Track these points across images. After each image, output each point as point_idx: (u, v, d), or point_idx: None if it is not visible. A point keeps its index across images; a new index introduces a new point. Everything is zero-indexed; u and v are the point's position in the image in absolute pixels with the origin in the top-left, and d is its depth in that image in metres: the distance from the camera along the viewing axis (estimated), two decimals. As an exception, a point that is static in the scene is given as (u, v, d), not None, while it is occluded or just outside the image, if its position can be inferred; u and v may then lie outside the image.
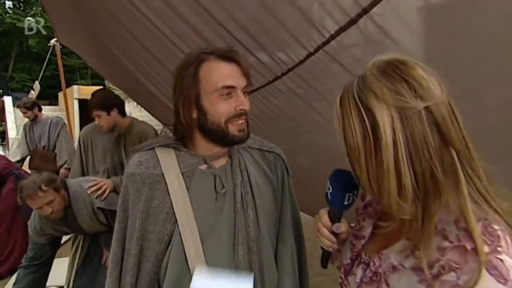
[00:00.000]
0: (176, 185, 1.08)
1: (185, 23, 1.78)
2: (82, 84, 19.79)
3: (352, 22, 1.18)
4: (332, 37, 1.28)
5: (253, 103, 2.12)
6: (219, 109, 1.06)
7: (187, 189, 1.09)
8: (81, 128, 6.28)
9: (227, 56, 1.07)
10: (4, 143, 13.92)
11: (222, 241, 1.08)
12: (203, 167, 1.13)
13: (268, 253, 1.15)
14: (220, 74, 1.05)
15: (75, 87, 16.62)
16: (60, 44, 6.56)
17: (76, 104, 15.55)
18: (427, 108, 0.64)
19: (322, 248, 0.93)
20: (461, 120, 0.67)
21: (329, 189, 0.86)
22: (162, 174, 1.10)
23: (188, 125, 1.09)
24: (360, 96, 0.67)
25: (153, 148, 1.15)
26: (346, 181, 0.83)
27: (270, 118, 2.12)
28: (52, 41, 6.89)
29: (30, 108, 4.52)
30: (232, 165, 1.16)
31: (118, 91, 5.22)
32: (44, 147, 4.53)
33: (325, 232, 0.90)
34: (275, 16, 1.39)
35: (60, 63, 6.88)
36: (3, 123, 15.99)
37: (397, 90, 0.64)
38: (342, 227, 0.90)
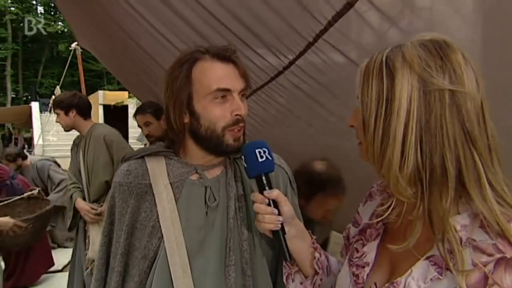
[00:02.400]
0: (164, 197, 1.05)
1: (179, 17, 1.79)
2: (109, 90, 20.63)
3: (349, 5, 1.11)
4: (330, 24, 1.22)
5: (258, 104, 2.09)
6: (213, 114, 1.01)
7: (176, 201, 1.05)
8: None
9: (223, 55, 1.02)
10: (30, 150, 14.73)
11: (212, 261, 1.03)
12: (194, 177, 1.09)
13: (265, 278, 1.08)
14: (214, 75, 1.01)
15: (100, 92, 17.28)
16: (82, 48, 6.85)
17: (101, 110, 16.20)
18: (452, 93, 0.64)
19: (273, 234, 0.90)
20: (490, 126, 0.66)
21: (243, 159, 0.93)
22: (150, 184, 1.07)
23: (179, 130, 1.06)
24: (389, 55, 0.68)
25: (143, 157, 1.12)
26: (254, 143, 0.93)
27: (277, 119, 2.08)
28: (73, 45, 7.19)
29: (13, 160, 4.61)
30: (226, 176, 1.10)
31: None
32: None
33: (262, 207, 0.89)
34: (269, 4, 1.34)
35: (80, 67, 7.15)
36: (31, 129, 16.97)
37: (428, 62, 0.65)
38: (272, 192, 0.90)
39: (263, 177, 0.90)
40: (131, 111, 17.53)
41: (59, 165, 5.08)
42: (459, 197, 0.66)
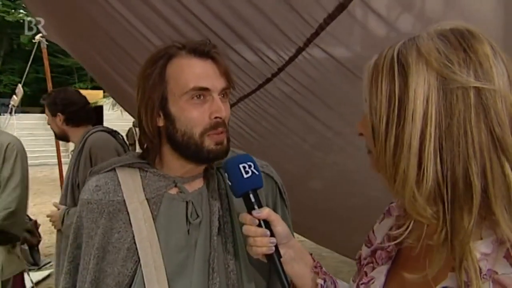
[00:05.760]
0: (140, 215, 1.05)
1: (164, 20, 1.81)
2: (80, 88, 20.51)
3: (342, 7, 1.13)
4: (322, 27, 1.24)
5: (247, 114, 2.11)
6: (190, 117, 1.02)
7: (154, 219, 1.06)
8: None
9: (201, 50, 1.04)
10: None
11: (194, 285, 1.03)
12: (173, 191, 1.09)
13: None
14: (191, 73, 1.02)
15: (70, 91, 17.26)
16: (47, 41, 6.81)
17: (70, 111, 16.13)
18: (478, 91, 0.60)
19: (267, 258, 0.92)
20: None
21: (227, 177, 0.94)
22: (124, 201, 1.07)
23: (152, 135, 1.06)
24: (401, 50, 0.66)
25: (114, 169, 1.12)
26: (237, 157, 0.95)
27: (270, 133, 2.10)
28: (37, 37, 7.13)
29: None
30: (209, 188, 1.11)
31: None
32: None
33: (252, 229, 0.90)
34: (255, 5, 1.36)
35: (46, 62, 7.11)
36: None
37: (449, 56, 0.62)
38: (262, 211, 0.91)
39: (251, 195, 0.91)
40: (107, 112, 17.21)
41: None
42: (483, 219, 0.63)
